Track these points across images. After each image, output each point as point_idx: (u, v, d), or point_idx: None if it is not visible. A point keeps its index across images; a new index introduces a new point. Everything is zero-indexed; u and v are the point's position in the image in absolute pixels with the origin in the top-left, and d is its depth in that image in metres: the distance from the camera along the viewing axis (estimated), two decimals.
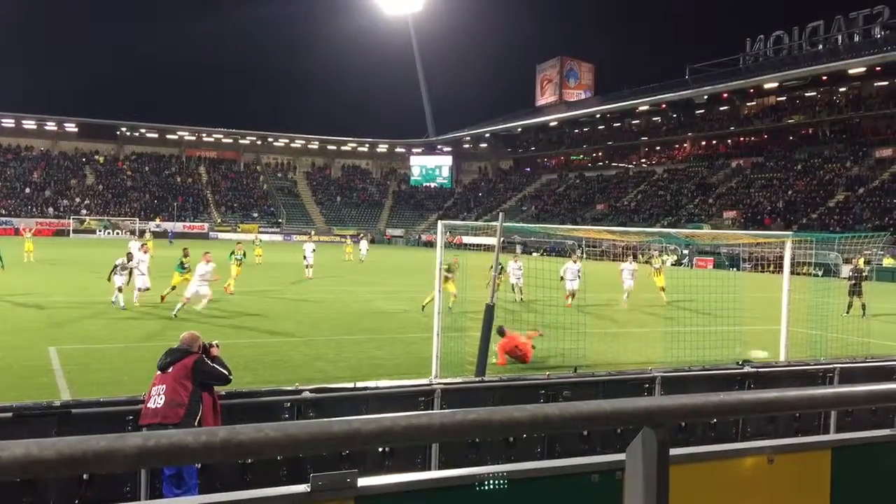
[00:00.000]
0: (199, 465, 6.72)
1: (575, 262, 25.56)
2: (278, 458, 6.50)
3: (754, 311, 19.97)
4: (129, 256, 21.79)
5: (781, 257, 15.24)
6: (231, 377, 7.31)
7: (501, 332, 14.39)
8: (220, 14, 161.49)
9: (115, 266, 21.12)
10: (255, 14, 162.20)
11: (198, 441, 1.52)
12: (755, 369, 10.51)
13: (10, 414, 6.79)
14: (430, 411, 7.92)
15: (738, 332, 17.33)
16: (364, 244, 51.97)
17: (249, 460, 6.62)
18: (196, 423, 6.73)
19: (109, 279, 21.22)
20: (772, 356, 14.12)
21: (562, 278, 24.81)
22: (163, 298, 21.61)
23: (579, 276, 24.94)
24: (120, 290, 20.98)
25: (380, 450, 7.52)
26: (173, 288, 22.05)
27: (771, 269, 24.24)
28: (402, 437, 1.73)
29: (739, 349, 15.29)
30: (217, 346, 7.64)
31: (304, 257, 34.17)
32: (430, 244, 69.89)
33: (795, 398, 2.29)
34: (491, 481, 2.23)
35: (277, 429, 1.61)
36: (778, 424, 9.77)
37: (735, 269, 49.82)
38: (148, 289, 22.00)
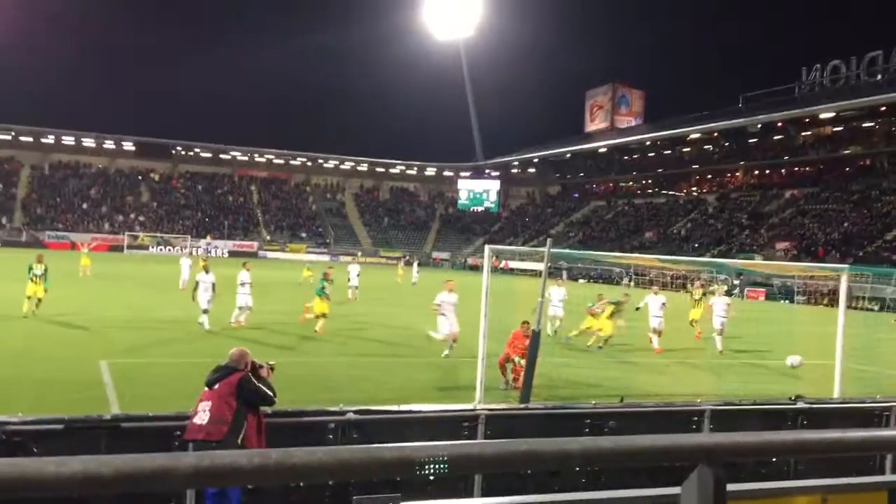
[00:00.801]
0: None
1: (656, 293, 21.83)
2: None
3: (807, 345, 19.47)
4: (206, 269, 21.47)
5: (835, 290, 14.88)
6: (276, 399, 7.20)
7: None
8: (278, 40, 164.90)
9: (199, 283, 20.79)
10: (311, 42, 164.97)
11: (251, 463, 1.52)
12: (808, 405, 10.25)
13: (61, 426, 6.92)
14: (482, 440, 7.87)
15: (789, 366, 16.91)
16: (416, 267, 52.37)
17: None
18: (239, 441, 6.73)
19: (194, 298, 20.87)
20: (825, 393, 13.74)
21: (657, 317, 21.11)
22: (317, 331, 20.90)
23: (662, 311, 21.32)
24: (205, 311, 20.45)
25: None
26: (321, 315, 21.26)
27: (825, 302, 23.61)
28: (453, 466, 1.71)
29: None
30: (271, 367, 7.59)
31: (349, 279, 34.36)
32: (476, 268, 69.83)
33: (858, 440, 2.21)
34: None
35: (329, 453, 1.60)
36: (831, 462, 9.49)
37: (788, 301, 48.88)
38: (250, 308, 21.48)
